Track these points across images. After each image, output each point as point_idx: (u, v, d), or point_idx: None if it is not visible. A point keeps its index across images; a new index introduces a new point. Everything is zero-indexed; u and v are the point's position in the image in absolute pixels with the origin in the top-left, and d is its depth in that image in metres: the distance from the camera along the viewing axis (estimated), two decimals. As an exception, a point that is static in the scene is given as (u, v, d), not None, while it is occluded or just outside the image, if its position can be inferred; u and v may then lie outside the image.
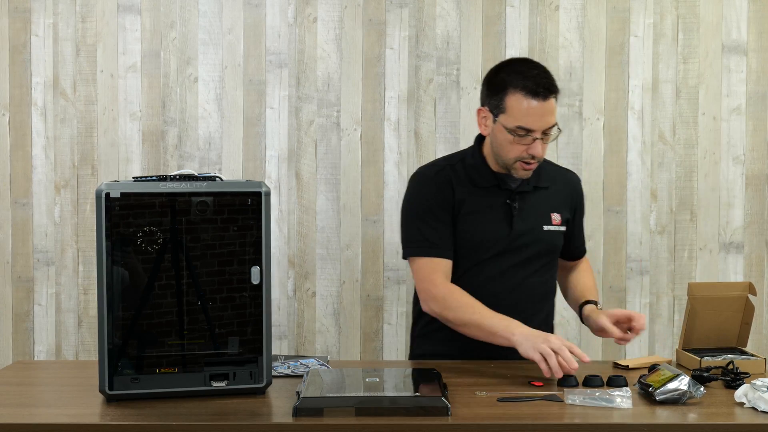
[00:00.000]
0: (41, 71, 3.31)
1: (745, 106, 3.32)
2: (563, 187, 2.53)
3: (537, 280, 2.45)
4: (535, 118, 2.27)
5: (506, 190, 2.42)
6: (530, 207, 2.43)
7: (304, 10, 3.30)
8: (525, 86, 2.27)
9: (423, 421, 1.77)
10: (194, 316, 1.93)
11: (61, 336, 3.34)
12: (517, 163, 2.34)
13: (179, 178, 1.94)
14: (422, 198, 2.43)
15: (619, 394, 1.89)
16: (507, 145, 2.32)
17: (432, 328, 2.47)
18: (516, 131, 2.29)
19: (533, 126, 2.28)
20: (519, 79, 2.29)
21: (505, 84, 2.31)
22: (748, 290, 2.34)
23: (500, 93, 2.31)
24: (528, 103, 2.26)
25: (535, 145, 2.30)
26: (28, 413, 1.89)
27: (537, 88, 2.27)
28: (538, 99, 2.26)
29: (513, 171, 2.37)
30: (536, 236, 2.42)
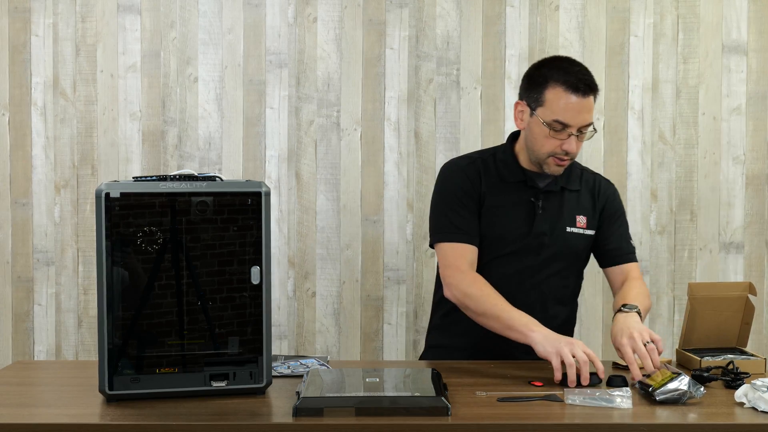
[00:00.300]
0: (41, 71, 3.31)
1: (745, 106, 3.32)
2: (593, 192, 2.50)
3: (556, 283, 2.43)
4: (573, 113, 2.28)
5: (533, 188, 2.41)
6: (555, 207, 2.41)
7: (304, 10, 3.30)
8: (566, 81, 2.28)
9: (423, 421, 1.77)
10: (194, 316, 1.93)
11: (61, 336, 3.34)
12: (551, 158, 2.34)
13: (179, 178, 1.94)
14: (452, 187, 2.43)
15: (619, 394, 1.89)
16: (542, 139, 2.33)
17: (448, 320, 2.47)
18: (553, 125, 2.29)
19: (570, 121, 2.28)
20: (560, 74, 2.30)
21: (546, 78, 2.32)
22: (748, 290, 2.34)
23: (540, 87, 2.32)
24: (567, 98, 2.28)
25: (570, 141, 2.30)
26: (28, 413, 1.89)
27: (578, 83, 2.28)
28: (578, 94, 2.28)
29: (545, 167, 2.36)
30: (558, 237, 2.40)
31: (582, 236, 2.45)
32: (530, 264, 2.40)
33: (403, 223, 3.31)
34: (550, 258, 2.41)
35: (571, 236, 2.43)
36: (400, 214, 3.31)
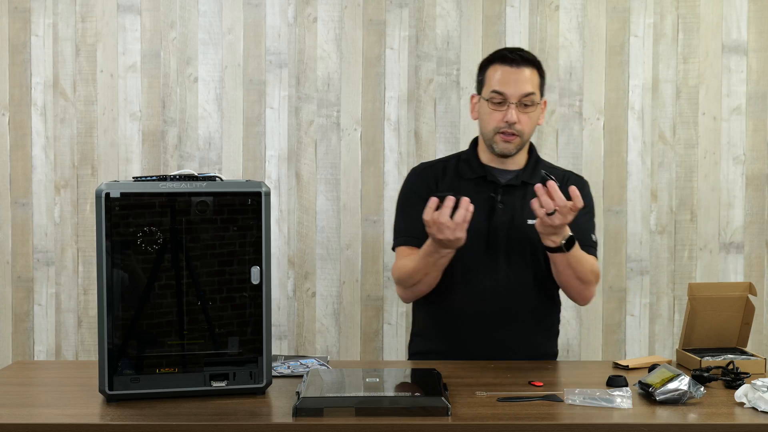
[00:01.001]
0: (41, 71, 3.31)
1: (745, 106, 3.32)
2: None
3: (524, 275, 2.44)
4: (509, 83, 2.37)
5: (492, 183, 2.44)
6: (516, 201, 2.43)
7: (304, 10, 3.30)
8: (499, 55, 2.43)
9: (423, 421, 1.77)
10: (194, 316, 1.93)
11: (61, 336, 3.34)
12: (497, 135, 2.39)
13: (179, 178, 1.94)
14: (407, 192, 2.52)
15: (619, 394, 1.89)
16: (486, 117, 2.41)
17: (426, 325, 2.50)
18: (492, 97, 2.38)
19: (506, 90, 2.36)
20: (497, 54, 2.45)
21: (486, 62, 2.47)
22: (748, 290, 2.34)
23: (482, 70, 2.46)
24: (502, 69, 2.39)
25: (509, 111, 2.36)
26: (28, 413, 1.89)
27: (510, 54, 2.40)
28: (511, 65, 2.39)
29: (495, 145, 2.41)
30: (519, 230, 2.42)
31: None
32: (496, 258, 2.41)
33: (403, 223, 3.31)
34: (515, 250, 2.42)
35: (532, 228, 2.39)
36: (400, 214, 3.30)
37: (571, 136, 3.31)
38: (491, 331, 2.40)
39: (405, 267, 2.39)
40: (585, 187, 2.55)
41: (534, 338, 2.47)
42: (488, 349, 2.37)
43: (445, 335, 2.44)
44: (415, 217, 2.39)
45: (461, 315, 2.42)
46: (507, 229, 2.41)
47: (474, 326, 2.41)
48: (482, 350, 2.37)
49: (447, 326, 2.44)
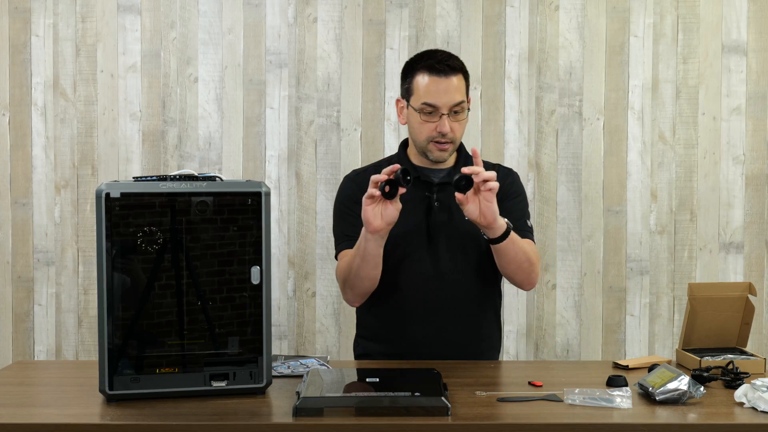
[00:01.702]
0: (41, 71, 3.31)
1: (745, 106, 3.32)
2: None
3: (469, 271, 2.44)
4: (439, 94, 2.36)
5: (426, 183, 2.45)
6: (451, 198, 2.40)
7: (304, 10, 3.30)
8: (427, 65, 2.39)
9: (423, 421, 1.77)
10: (194, 316, 1.93)
11: (61, 336, 3.34)
12: (430, 144, 2.39)
13: (179, 178, 1.94)
14: (341, 198, 2.52)
15: (619, 394, 1.89)
16: (418, 127, 2.40)
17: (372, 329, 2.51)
18: (423, 109, 2.37)
19: (437, 101, 2.36)
20: (422, 61, 2.41)
21: (412, 69, 2.43)
22: (748, 290, 2.34)
23: (409, 78, 2.43)
24: (430, 79, 2.37)
25: (442, 122, 2.36)
26: (28, 413, 1.89)
27: (438, 65, 2.38)
28: (439, 75, 2.37)
29: (429, 153, 2.41)
30: (457, 225, 2.42)
31: None
32: (435, 256, 2.42)
33: (403, 223, 3.31)
34: (456, 245, 2.42)
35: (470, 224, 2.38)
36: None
37: (571, 136, 3.32)
38: (437, 329, 2.41)
39: (344, 264, 2.39)
40: (514, 178, 2.55)
41: (480, 332, 2.48)
42: (435, 347, 2.38)
43: (391, 336, 2.44)
44: (353, 222, 2.41)
45: (407, 315, 2.42)
46: (446, 226, 2.42)
47: (420, 325, 2.41)
48: (429, 348, 2.38)
49: (393, 327, 2.44)
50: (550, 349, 3.33)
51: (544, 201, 3.32)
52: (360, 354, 2.55)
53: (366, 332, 2.54)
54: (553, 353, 3.33)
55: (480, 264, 2.46)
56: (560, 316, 3.34)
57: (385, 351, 2.45)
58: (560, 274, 3.33)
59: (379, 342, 2.48)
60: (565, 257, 3.33)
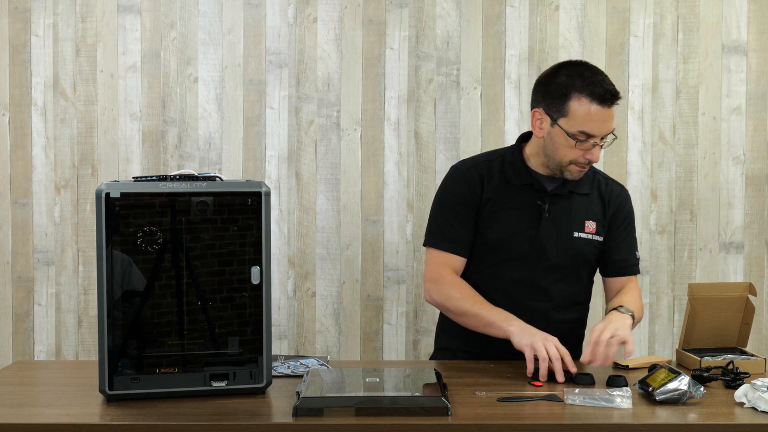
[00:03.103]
0: (41, 71, 3.31)
1: (745, 106, 3.32)
2: (604, 196, 2.46)
3: (563, 288, 2.40)
4: (599, 123, 2.24)
5: (539, 191, 2.38)
6: (563, 211, 2.38)
7: (304, 10, 3.30)
8: (592, 92, 2.23)
9: (423, 421, 1.77)
10: (194, 316, 1.93)
11: (61, 336, 3.34)
12: (572, 165, 2.31)
13: (179, 178, 1.94)
14: (449, 193, 2.43)
15: (619, 394, 1.89)
16: (564, 149, 2.29)
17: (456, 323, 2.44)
18: (577, 136, 2.25)
19: (595, 131, 2.25)
20: (585, 84, 2.25)
21: (568, 88, 2.26)
22: (748, 290, 2.34)
23: (563, 96, 2.26)
24: (594, 109, 2.23)
25: (594, 151, 2.27)
26: (28, 413, 1.89)
27: (605, 94, 2.23)
28: (604, 105, 2.24)
29: (567, 172, 2.33)
30: (564, 242, 2.37)
31: (590, 242, 2.41)
32: (536, 268, 2.37)
33: (403, 223, 3.31)
34: (557, 263, 2.37)
35: (578, 241, 2.39)
36: (400, 214, 3.31)
37: (571, 136, 3.31)
38: None
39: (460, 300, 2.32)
40: (628, 200, 2.51)
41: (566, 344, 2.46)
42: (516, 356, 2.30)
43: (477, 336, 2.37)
44: (454, 222, 2.37)
45: None
46: (553, 237, 2.36)
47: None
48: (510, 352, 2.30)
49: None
50: (550, 349, 3.33)
51: (544, 201, 3.32)
52: (440, 347, 2.52)
53: (450, 325, 2.47)
54: (553, 353, 3.32)
55: (577, 281, 2.43)
56: (560, 316, 3.34)
57: (466, 348, 2.42)
58: (560, 274, 3.33)
59: (463, 339, 2.43)
60: (565, 257, 3.33)
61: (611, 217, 2.46)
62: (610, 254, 2.47)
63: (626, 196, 2.52)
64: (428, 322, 3.29)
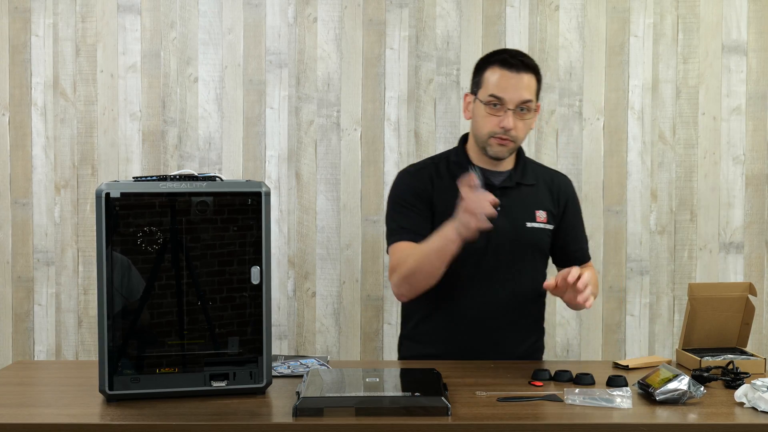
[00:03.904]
0: (41, 71, 3.31)
1: (745, 106, 3.32)
2: (550, 186, 2.51)
3: (525, 279, 2.44)
4: (507, 87, 2.34)
5: (487, 186, 2.41)
6: (513, 203, 2.42)
7: (304, 10, 3.30)
8: (500, 59, 2.39)
9: (423, 421, 1.77)
10: (194, 316, 1.93)
11: (61, 336, 3.34)
12: (491, 138, 2.38)
13: (179, 178, 1.94)
14: (401, 192, 2.47)
15: (619, 394, 1.89)
16: (481, 120, 2.38)
17: (419, 330, 2.49)
18: (489, 100, 2.35)
19: (504, 95, 2.34)
20: (496, 56, 2.42)
21: (484, 63, 2.43)
22: (748, 291, 2.34)
23: (480, 71, 2.42)
24: (501, 73, 2.36)
25: (506, 117, 2.34)
26: (28, 413, 1.89)
27: (511, 59, 2.38)
28: (511, 70, 2.36)
29: (488, 148, 2.39)
30: (518, 233, 2.41)
31: (543, 230, 2.46)
32: (495, 262, 2.41)
33: (403, 223, 3.31)
34: (515, 254, 2.42)
35: (532, 231, 2.43)
36: (400, 214, 3.30)
37: (571, 136, 3.31)
38: (490, 334, 2.41)
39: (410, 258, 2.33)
40: (574, 189, 2.59)
41: (529, 337, 2.49)
42: (486, 352, 2.37)
43: (441, 339, 2.43)
44: (411, 216, 2.40)
45: (459, 317, 2.41)
46: (507, 231, 2.40)
47: (472, 330, 2.41)
48: (479, 353, 2.37)
49: (444, 330, 2.43)
50: (550, 349, 3.33)
51: (544, 201, 3.32)
52: (405, 355, 2.53)
53: (412, 333, 2.51)
54: (553, 353, 3.33)
55: (534, 271, 2.46)
56: (560, 316, 3.34)
57: (431, 353, 2.42)
58: (560, 274, 3.33)
59: (426, 344, 2.46)
60: (565, 257, 3.33)
61: (563, 209, 2.52)
62: (567, 246, 2.53)
63: (572, 186, 2.59)
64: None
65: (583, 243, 2.59)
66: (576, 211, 2.56)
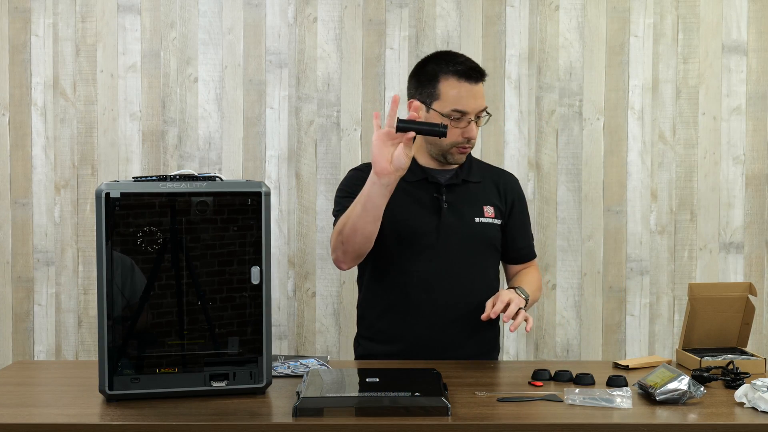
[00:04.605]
0: (41, 71, 3.31)
1: (745, 106, 3.32)
2: (497, 183, 2.53)
3: (476, 274, 2.45)
4: (470, 100, 2.35)
5: (434, 184, 2.44)
6: (460, 200, 2.44)
7: (304, 10, 3.30)
8: (457, 71, 2.36)
9: (423, 421, 1.77)
10: (194, 316, 1.93)
11: (61, 336, 3.34)
12: (453, 148, 2.39)
13: (179, 178, 1.94)
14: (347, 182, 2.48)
15: (619, 394, 1.89)
16: None
17: (374, 330, 2.49)
18: (451, 114, 2.35)
19: (467, 108, 2.35)
20: (450, 66, 2.37)
21: (436, 72, 2.38)
22: (748, 291, 2.34)
23: (432, 81, 2.38)
24: (461, 86, 2.35)
25: (470, 128, 2.36)
26: (28, 413, 1.89)
27: (469, 71, 2.36)
28: (470, 82, 2.35)
29: (449, 157, 2.41)
30: (467, 228, 2.43)
31: (492, 225, 2.47)
32: (447, 258, 2.41)
33: (403, 223, 3.31)
34: (465, 249, 2.42)
35: (480, 226, 2.44)
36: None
37: (571, 136, 3.32)
38: (444, 330, 2.41)
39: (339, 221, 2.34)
40: (520, 186, 2.60)
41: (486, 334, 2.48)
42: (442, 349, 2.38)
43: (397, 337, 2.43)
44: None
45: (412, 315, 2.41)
46: (455, 227, 2.42)
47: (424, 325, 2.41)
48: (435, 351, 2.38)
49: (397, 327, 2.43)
50: (550, 349, 3.33)
51: (545, 201, 3.32)
52: (361, 354, 2.54)
53: (368, 332, 2.53)
54: (553, 353, 3.33)
55: (486, 266, 2.48)
56: (560, 316, 3.34)
57: (387, 351, 2.44)
58: (560, 274, 3.33)
59: (382, 342, 2.47)
60: (565, 257, 3.33)
61: (511, 207, 2.53)
62: (513, 242, 2.55)
63: (518, 184, 2.60)
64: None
65: (529, 240, 2.61)
66: (523, 208, 2.58)
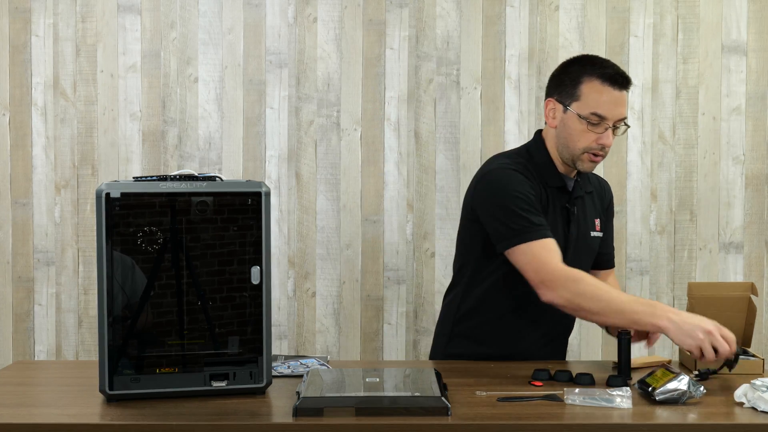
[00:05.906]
0: (41, 71, 3.31)
1: (745, 106, 3.33)
2: (600, 193, 2.48)
3: None
4: (611, 105, 2.24)
5: (567, 193, 2.36)
6: (582, 212, 2.39)
7: (304, 10, 3.30)
8: (603, 74, 2.25)
9: (423, 421, 1.76)
10: (194, 316, 1.93)
11: (61, 336, 3.34)
12: (585, 154, 2.28)
13: (179, 178, 1.94)
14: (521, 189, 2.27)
15: (619, 394, 1.89)
16: (577, 135, 2.26)
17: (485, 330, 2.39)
18: (590, 118, 2.24)
19: (608, 113, 2.23)
20: (596, 68, 2.27)
21: (580, 73, 2.28)
22: (749, 291, 2.34)
23: (575, 81, 2.27)
24: (605, 90, 2.23)
25: (606, 134, 2.24)
26: (28, 413, 1.89)
27: (615, 75, 2.24)
28: (615, 87, 2.24)
29: (579, 163, 2.29)
30: (585, 242, 2.38)
31: (598, 239, 2.43)
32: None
33: (403, 223, 3.31)
34: (580, 262, 2.33)
35: (594, 240, 2.40)
36: (400, 214, 3.31)
37: (571, 136, 3.31)
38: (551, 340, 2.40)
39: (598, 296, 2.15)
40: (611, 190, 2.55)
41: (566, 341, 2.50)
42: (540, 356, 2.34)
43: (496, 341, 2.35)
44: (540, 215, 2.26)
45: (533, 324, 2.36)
46: (578, 238, 2.36)
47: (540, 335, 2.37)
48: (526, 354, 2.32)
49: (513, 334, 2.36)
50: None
51: (544, 201, 3.32)
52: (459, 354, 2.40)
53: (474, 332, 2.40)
54: (554, 353, 3.33)
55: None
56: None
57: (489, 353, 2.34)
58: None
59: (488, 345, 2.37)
60: (565, 257, 3.33)
61: (606, 215, 2.50)
62: (601, 248, 2.49)
63: (610, 187, 2.56)
64: (428, 322, 3.30)
65: (611, 248, 2.54)
66: (611, 217, 2.52)
